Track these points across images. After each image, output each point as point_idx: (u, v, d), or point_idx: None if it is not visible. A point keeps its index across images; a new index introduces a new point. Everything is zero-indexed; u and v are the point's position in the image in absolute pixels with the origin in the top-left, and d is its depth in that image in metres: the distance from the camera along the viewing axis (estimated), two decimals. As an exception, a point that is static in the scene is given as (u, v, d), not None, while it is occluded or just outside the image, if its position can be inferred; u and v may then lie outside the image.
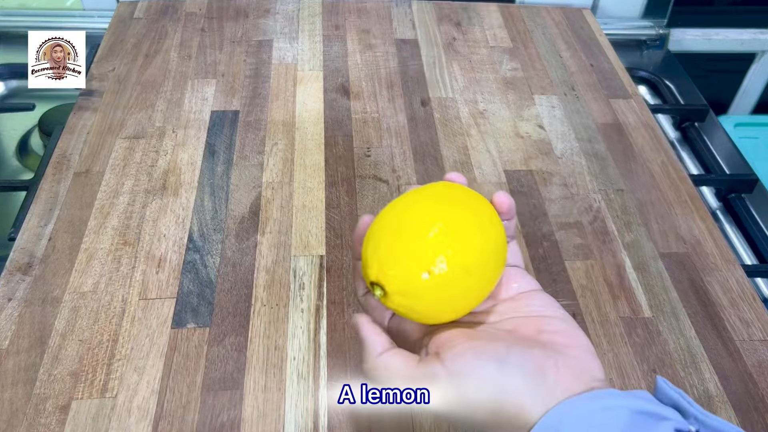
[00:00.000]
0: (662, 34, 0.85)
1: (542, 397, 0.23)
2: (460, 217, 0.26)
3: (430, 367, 0.24)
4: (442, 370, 0.24)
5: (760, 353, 0.46)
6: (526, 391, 0.23)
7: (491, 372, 0.24)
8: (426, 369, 0.24)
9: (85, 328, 0.45)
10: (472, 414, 0.24)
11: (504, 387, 0.23)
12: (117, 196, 0.54)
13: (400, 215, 0.26)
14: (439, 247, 0.25)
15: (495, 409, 0.23)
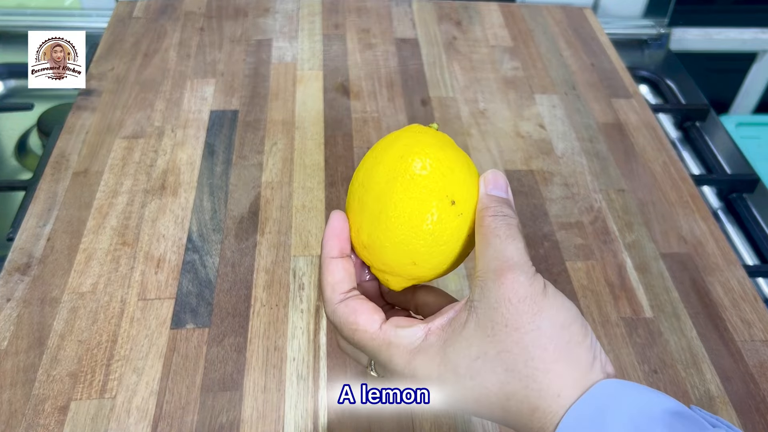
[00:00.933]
0: (663, 33, 0.85)
1: (577, 358, 0.22)
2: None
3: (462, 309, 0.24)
4: (472, 310, 0.23)
5: (762, 354, 0.46)
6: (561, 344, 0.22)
7: (529, 316, 0.22)
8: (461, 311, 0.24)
9: (84, 328, 0.45)
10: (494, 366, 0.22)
11: (540, 330, 0.22)
12: (116, 196, 0.54)
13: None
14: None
15: (522, 358, 0.22)
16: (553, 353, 0.22)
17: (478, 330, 0.23)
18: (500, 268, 0.23)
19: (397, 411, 0.42)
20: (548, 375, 0.22)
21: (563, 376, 0.22)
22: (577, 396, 0.22)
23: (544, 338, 0.22)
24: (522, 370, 0.22)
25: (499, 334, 0.23)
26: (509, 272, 0.23)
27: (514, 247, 0.24)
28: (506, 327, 0.22)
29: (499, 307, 0.23)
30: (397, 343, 0.24)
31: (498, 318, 0.23)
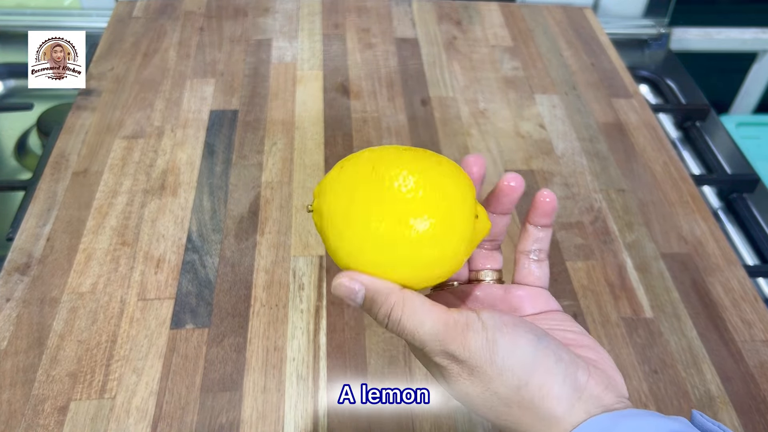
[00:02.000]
0: (663, 33, 0.85)
1: (571, 392, 0.22)
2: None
3: (467, 315, 0.23)
4: (478, 322, 0.23)
5: (762, 354, 0.46)
6: (557, 377, 0.22)
7: (529, 341, 0.23)
8: (462, 316, 0.23)
9: (84, 328, 0.44)
10: (494, 385, 0.23)
11: (537, 361, 0.22)
12: (115, 196, 0.54)
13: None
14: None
15: (520, 383, 0.22)
16: (517, 411, 0.23)
17: (448, 388, 0.24)
18: (433, 354, 0.23)
19: (397, 411, 0.42)
20: (521, 425, 0.23)
21: (536, 427, 0.23)
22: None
23: (505, 400, 0.23)
24: (495, 421, 0.24)
25: (465, 398, 0.24)
26: (444, 356, 0.23)
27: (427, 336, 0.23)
28: (468, 395, 0.23)
29: (456, 383, 0.23)
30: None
31: (459, 388, 0.24)
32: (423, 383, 0.43)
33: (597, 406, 0.23)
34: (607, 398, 0.23)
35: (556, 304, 0.28)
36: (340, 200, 0.24)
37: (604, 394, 0.23)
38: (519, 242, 0.28)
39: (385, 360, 0.44)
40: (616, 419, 0.22)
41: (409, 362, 0.44)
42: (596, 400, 0.23)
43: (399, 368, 0.44)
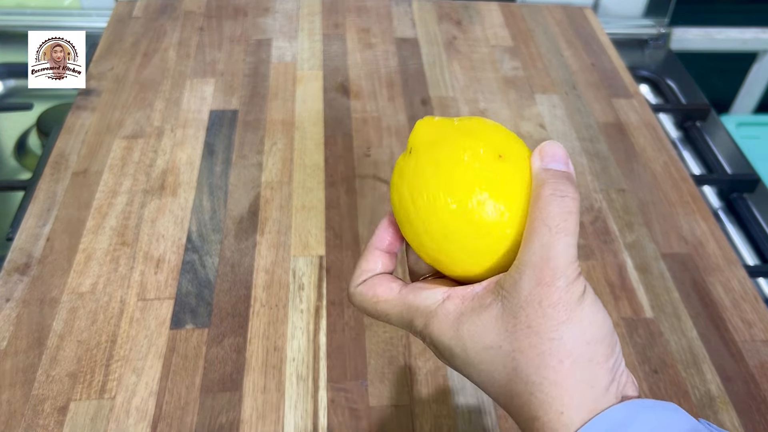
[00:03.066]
0: (664, 33, 0.85)
1: (613, 363, 0.21)
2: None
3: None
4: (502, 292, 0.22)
5: (763, 354, 0.46)
6: (581, 357, 0.21)
7: (554, 324, 0.21)
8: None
9: (84, 328, 0.44)
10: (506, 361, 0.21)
11: (562, 336, 0.21)
12: (115, 196, 0.54)
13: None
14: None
15: (539, 358, 0.21)
16: (569, 368, 0.21)
17: (499, 321, 0.22)
18: (541, 266, 0.21)
19: (397, 411, 0.42)
20: (556, 388, 0.21)
21: (572, 395, 0.21)
22: (583, 419, 0.21)
23: (563, 351, 0.21)
24: (531, 376, 0.21)
25: (519, 333, 0.21)
26: (548, 274, 0.21)
27: (563, 244, 0.21)
28: (528, 328, 0.21)
29: (527, 307, 0.21)
30: (416, 305, 0.24)
31: (522, 317, 0.21)
32: (423, 384, 0.43)
33: (620, 395, 0.22)
34: (630, 390, 0.22)
35: None
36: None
37: (629, 386, 0.22)
38: None
39: (385, 360, 0.44)
40: (638, 408, 0.21)
41: (409, 362, 0.44)
42: (624, 387, 0.22)
43: (399, 369, 0.44)
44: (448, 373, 0.44)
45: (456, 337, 0.23)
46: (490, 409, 0.42)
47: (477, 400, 0.42)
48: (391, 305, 0.25)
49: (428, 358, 0.44)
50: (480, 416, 0.42)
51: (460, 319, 0.23)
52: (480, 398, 0.43)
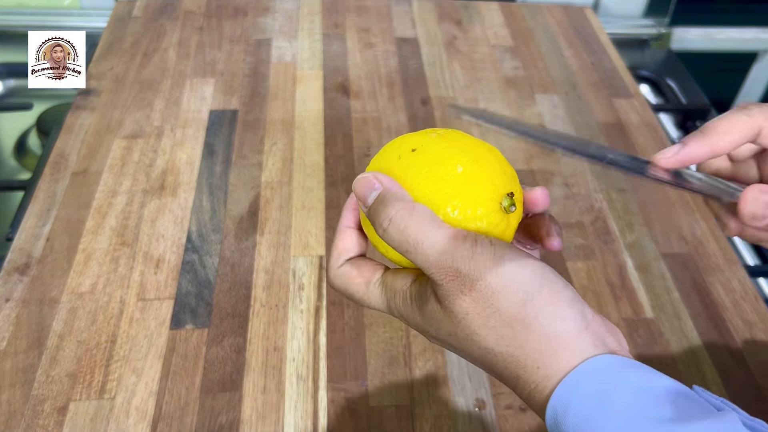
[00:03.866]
0: (664, 32, 0.84)
1: (579, 318, 0.22)
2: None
3: (475, 235, 0.23)
4: (486, 240, 0.22)
5: (763, 354, 0.46)
6: (565, 299, 0.21)
7: (537, 264, 0.22)
8: (471, 234, 0.23)
9: (83, 329, 0.44)
10: (496, 299, 0.21)
11: (545, 280, 0.22)
12: (115, 196, 0.54)
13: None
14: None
15: (526, 297, 0.21)
16: (521, 331, 0.22)
17: (441, 313, 0.23)
18: (435, 272, 0.22)
19: (397, 411, 0.42)
20: (522, 350, 0.22)
21: (539, 350, 0.21)
22: (563, 370, 0.21)
23: (507, 318, 0.22)
24: (494, 348, 0.22)
25: (463, 321, 0.22)
26: (447, 272, 0.22)
27: (430, 250, 0.22)
28: (468, 315, 0.22)
29: (456, 300, 0.22)
30: (392, 287, 0.25)
31: (457, 308, 0.22)
32: (423, 384, 0.43)
33: (601, 343, 0.22)
34: (610, 341, 0.22)
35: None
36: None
37: (607, 336, 0.22)
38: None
39: (385, 360, 0.44)
40: (625, 365, 0.21)
41: (409, 363, 0.44)
42: (600, 337, 0.22)
43: (399, 368, 0.44)
44: (448, 373, 0.44)
45: (424, 323, 0.24)
46: (490, 408, 0.42)
47: (477, 401, 0.42)
48: (374, 288, 0.26)
49: (428, 358, 0.44)
50: (480, 416, 0.42)
51: (420, 309, 0.24)
52: (480, 398, 0.43)
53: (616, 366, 0.21)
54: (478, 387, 0.43)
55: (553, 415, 0.21)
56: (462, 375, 0.43)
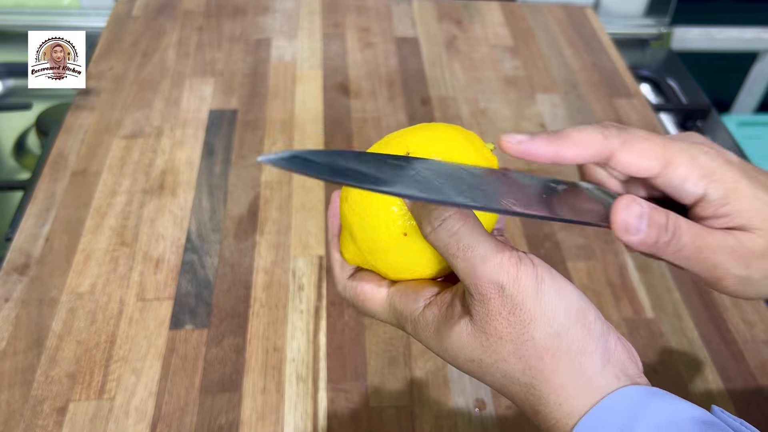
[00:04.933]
0: (664, 32, 0.84)
1: (603, 351, 0.21)
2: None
3: (517, 251, 0.22)
4: (527, 259, 0.22)
5: (764, 354, 0.46)
6: (595, 332, 0.21)
7: (574, 289, 0.22)
8: (514, 250, 0.22)
9: (83, 329, 0.44)
10: (533, 328, 0.21)
11: (581, 310, 0.21)
12: (114, 196, 0.54)
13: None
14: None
15: (561, 330, 0.21)
16: (550, 363, 0.21)
17: (471, 337, 0.22)
18: (479, 286, 0.22)
19: (397, 412, 0.41)
20: (546, 385, 0.21)
21: (564, 386, 0.21)
22: (585, 406, 0.21)
23: (539, 349, 0.21)
24: (520, 378, 0.22)
25: (494, 345, 0.22)
26: (491, 288, 0.21)
27: (479, 260, 0.22)
28: (500, 339, 0.22)
29: (492, 321, 0.22)
30: (401, 310, 0.24)
31: (491, 330, 0.22)
32: (423, 384, 0.43)
33: (624, 374, 0.22)
34: (631, 369, 0.22)
35: None
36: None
37: (629, 363, 0.22)
38: None
39: (385, 360, 0.44)
40: (647, 395, 0.21)
41: (409, 363, 0.44)
42: (623, 367, 0.22)
43: (399, 369, 0.44)
44: (448, 373, 0.44)
45: (442, 349, 0.23)
46: (490, 409, 0.42)
47: (477, 401, 0.42)
48: (378, 305, 0.25)
49: (428, 358, 0.44)
50: (480, 416, 0.42)
51: (440, 331, 0.23)
52: (480, 399, 0.42)
53: (638, 397, 0.21)
54: (478, 387, 0.43)
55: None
56: (462, 375, 0.43)
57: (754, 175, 0.25)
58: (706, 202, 0.24)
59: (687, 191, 0.24)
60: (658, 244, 0.23)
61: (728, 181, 0.24)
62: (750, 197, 0.24)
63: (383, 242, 0.24)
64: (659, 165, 0.24)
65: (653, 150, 0.24)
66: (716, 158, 0.24)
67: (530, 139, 0.25)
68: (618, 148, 0.24)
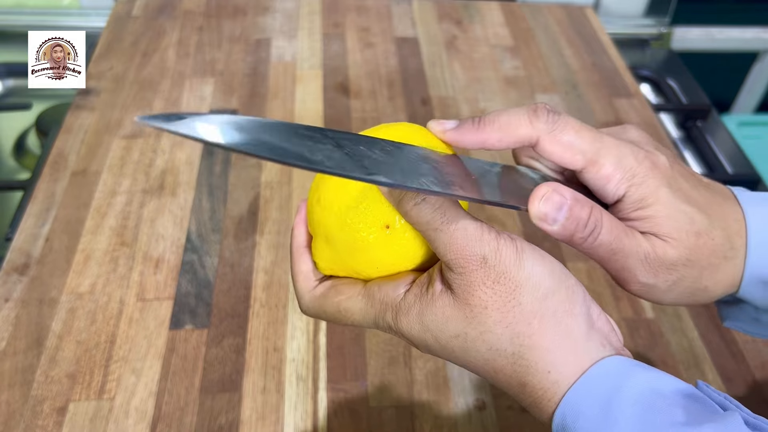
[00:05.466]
0: (665, 32, 0.84)
1: (587, 316, 0.22)
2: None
3: (495, 228, 0.22)
4: (505, 234, 0.22)
5: (764, 354, 0.46)
6: (579, 296, 0.22)
7: (553, 259, 0.22)
8: (492, 227, 0.22)
9: (83, 329, 0.44)
10: (519, 293, 0.21)
11: (562, 275, 0.22)
12: (114, 196, 0.54)
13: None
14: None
15: (547, 292, 0.21)
16: (538, 327, 0.21)
17: (455, 309, 0.22)
18: (460, 259, 0.21)
19: (398, 412, 0.41)
20: (535, 351, 0.21)
21: (552, 351, 0.21)
22: (573, 374, 0.21)
23: (526, 313, 0.21)
24: (507, 348, 0.22)
25: (479, 316, 0.22)
26: (472, 260, 0.21)
27: (460, 231, 0.22)
28: (486, 309, 0.22)
29: (475, 290, 0.21)
30: (382, 299, 0.24)
31: (475, 301, 0.22)
32: (423, 384, 0.43)
33: (608, 343, 0.22)
34: (614, 340, 0.22)
35: None
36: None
37: (612, 334, 0.22)
38: None
39: (384, 360, 0.44)
40: (633, 366, 0.21)
41: (409, 363, 0.44)
42: (606, 336, 0.22)
43: (399, 369, 0.44)
44: (448, 373, 0.44)
45: (424, 329, 0.23)
46: (490, 409, 0.42)
47: (477, 401, 0.42)
48: (356, 302, 0.24)
49: (428, 358, 0.44)
50: (480, 416, 0.42)
51: (422, 311, 0.23)
52: (480, 399, 0.42)
53: (624, 368, 0.21)
54: (478, 387, 0.43)
55: (562, 421, 0.21)
56: (462, 375, 0.43)
57: (678, 184, 0.24)
58: (623, 203, 0.24)
59: (608, 191, 0.24)
60: (574, 238, 0.23)
61: (649, 186, 0.24)
62: (667, 205, 0.24)
63: (364, 239, 0.23)
64: (583, 161, 0.24)
65: (580, 144, 0.24)
66: (643, 161, 0.24)
67: (455, 127, 0.25)
68: (544, 137, 0.24)
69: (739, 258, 0.25)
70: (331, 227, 0.24)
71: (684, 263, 0.24)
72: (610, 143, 0.24)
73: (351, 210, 0.24)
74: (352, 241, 0.24)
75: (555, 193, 0.22)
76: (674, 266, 0.24)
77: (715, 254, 0.24)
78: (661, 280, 0.24)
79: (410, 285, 0.24)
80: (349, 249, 0.24)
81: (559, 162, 0.24)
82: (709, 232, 0.24)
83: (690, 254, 0.24)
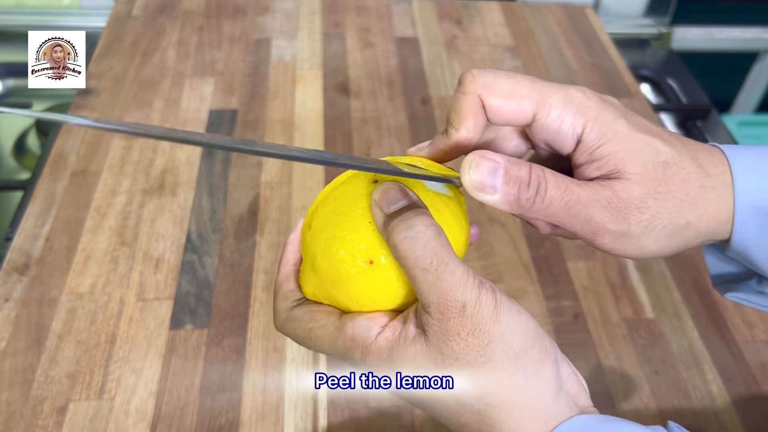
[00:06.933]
0: (665, 32, 0.84)
1: (556, 378, 0.21)
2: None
3: (480, 277, 0.22)
4: (487, 284, 0.21)
5: (764, 354, 0.46)
6: (550, 358, 0.21)
7: (529, 317, 0.21)
8: (477, 276, 0.21)
9: (83, 329, 0.44)
10: (491, 349, 0.20)
11: (537, 335, 0.21)
12: (114, 196, 0.54)
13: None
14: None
15: (519, 351, 0.21)
16: (507, 386, 0.21)
17: (426, 357, 0.21)
18: (440, 304, 0.21)
19: (398, 412, 0.41)
20: (502, 411, 0.21)
21: (517, 412, 0.21)
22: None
23: (497, 371, 0.21)
24: (474, 405, 0.21)
25: (449, 367, 0.21)
26: (452, 307, 0.21)
27: (447, 274, 0.21)
28: (457, 361, 0.21)
29: (449, 341, 0.21)
30: (353, 336, 0.23)
31: (447, 351, 0.21)
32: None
33: (575, 404, 0.22)
34: (583, 399, 0.22)
35: None
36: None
37: (581, 394, 0.22)
38: None
39: (385, 361, 0.44)
40: (599, 422, 0.21)
41: (409, 363, 0.44)
42: (575, 396, 0.22)
43: (399, 369, 0.44)
44: (449, 373, 0.44)
45: (392, 373, 0.22)
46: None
47: (477, 401, 0.42)
48: (328, 332, 0.23)
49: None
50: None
51: (392, 356, 0.22)
52: (480, 399, 0.43)
53: (589, 426, 0.21)
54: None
55: None
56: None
57: (635, 118, 0.23)
58: (582, 145, 0.22)
59: (564, 133, 0.22)
60: (521, 202, 0.21)
61: (606, 120, 0.22)
62: (628, 137, 0.22)
63: (347, 271, 0.23)
64: (531, 105, 0.22)
65: (520, 89, 0.22)
66: (592, 96, 0.22)
67: (429, 144, 0.25)
68: (484, 96, 0.22)
69: (721, 187, 0.23)
70: (318, 254, 0.24)
71: (654, 197, 0.22)
72: (553, 85, 0.23)
73: (337, 240, 0.23)
74: (335, 272, 0.23)
75: (483, 159, 0.21)
76: (644, 202, 0.22)
77: (689, 183, 0.22)
78: (633, 223, 0.22)
79: (383, 328, 0.23)
80: (331, 279, 0.24)
81: (510, 116, 0.23)
82: (678, 161, 0.22)
83: (659, 186, 0.22)
